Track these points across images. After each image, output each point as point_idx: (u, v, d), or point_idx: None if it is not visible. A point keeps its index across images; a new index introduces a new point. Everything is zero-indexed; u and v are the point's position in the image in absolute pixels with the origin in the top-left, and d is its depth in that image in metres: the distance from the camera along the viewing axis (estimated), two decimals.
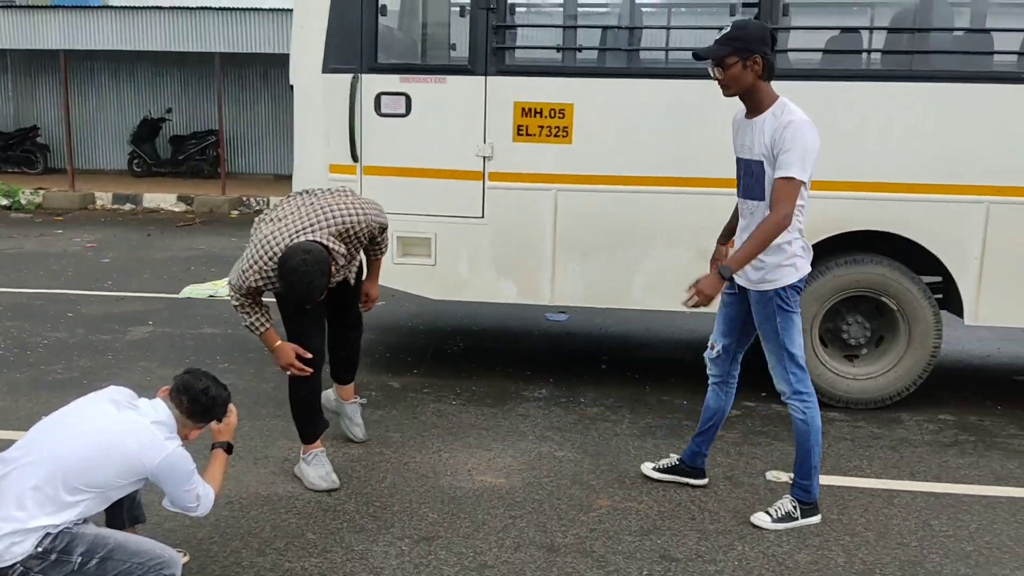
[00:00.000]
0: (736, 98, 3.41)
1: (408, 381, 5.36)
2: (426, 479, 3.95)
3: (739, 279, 3.50)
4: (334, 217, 3.65)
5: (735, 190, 3.60)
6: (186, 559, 3.18)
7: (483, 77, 4.91)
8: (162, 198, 14.43)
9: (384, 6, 5.09)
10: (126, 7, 14.42)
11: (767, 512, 3.59)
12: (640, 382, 5.43)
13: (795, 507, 3.58)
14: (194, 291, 7.87)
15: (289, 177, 5.44)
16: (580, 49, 5.23)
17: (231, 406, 3.09)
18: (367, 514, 3.60)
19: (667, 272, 4.88)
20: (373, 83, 4.99)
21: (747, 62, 3.24)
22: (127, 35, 14.27)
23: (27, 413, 4.69)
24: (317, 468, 3.85)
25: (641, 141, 4.88)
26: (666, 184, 4.85)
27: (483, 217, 5.03)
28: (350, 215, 3.69)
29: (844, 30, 5.15)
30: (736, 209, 3.67)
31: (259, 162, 17.72)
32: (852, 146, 4.72)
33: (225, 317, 6.92)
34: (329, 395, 4.36)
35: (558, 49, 5.24)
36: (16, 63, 17.77)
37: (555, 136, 4.93)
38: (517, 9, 5.12)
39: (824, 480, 3.98)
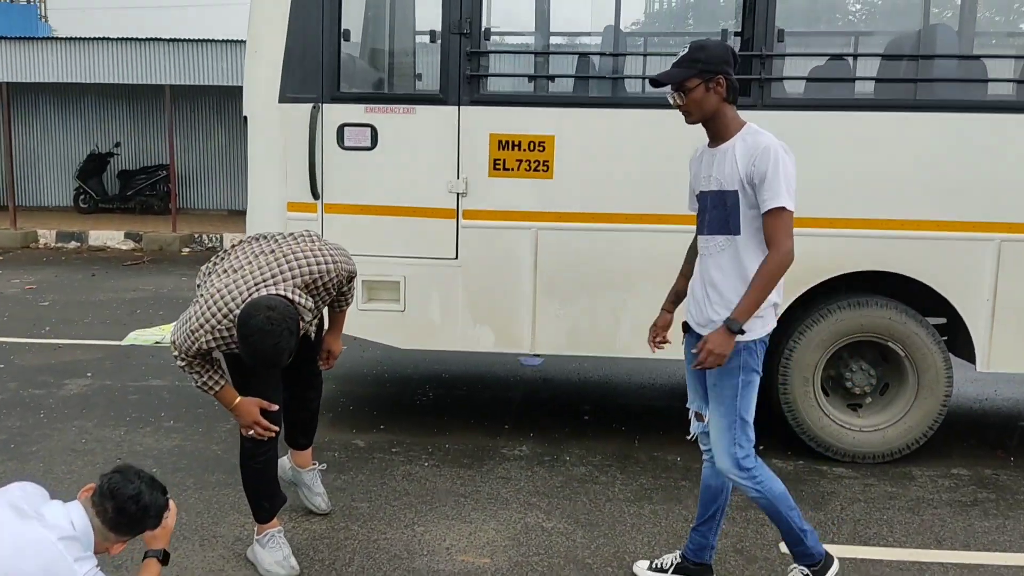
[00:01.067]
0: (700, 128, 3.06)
1: (374, 439, 4.87)
2: (399, 560, 3.46)
3: (699, 326, 3.06)
4: (299, 266, 3.18)
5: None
6: None
7: (456, 107, 4.51)
8: (109, 235, 13.79)
9: (347, 31, 4.69)
10: (73, 38, 13.85)
11: None
12: (627, 436, 5.00)
13: (808, 574, 3.17)
14: (139, 338, 7.30)
15: (244, 213, 4.96)
16: (561, 77, 4.86)
17: (171, 505, 2.60)
18: None
19: (654, 316, 4.46)
20: (335, 113, 4.56)
21: (710, 84, 2.90)
22: (74, 67, 13.70)
23: None
24: (273, 552, 3.34)
25: (628, 176, 4.51)
26: (655, 222, 4.47)
27: (457, 258, 4.60)
28: (318, 263, 3.22)
29: (842, 57, 4.85)
30: (687, 260, 3.31)
31: (212, 198, 17.14)
32: (854, 180, 4.40)
33: (172, 367, 6.34)
34: (284, 463, 3.86)
35: (537, 77, 4.87)
36: None
37: (535, 171, 4.54)
38: (492, 34, 4.73)
39: (845, 551, 3.58)
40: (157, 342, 7.17)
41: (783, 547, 3.61)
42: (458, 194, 4.55)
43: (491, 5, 4.96)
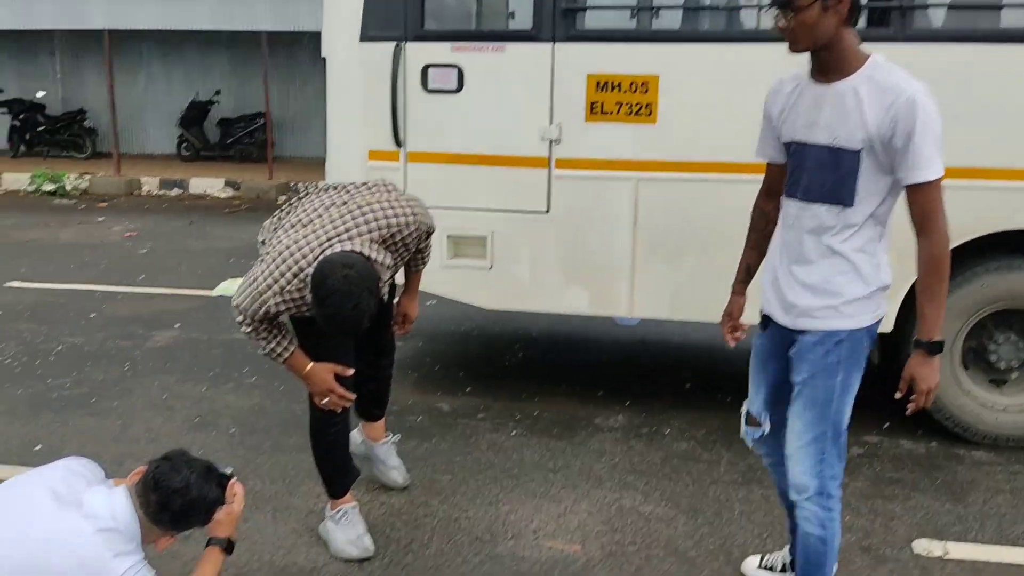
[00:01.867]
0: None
1: (460, 403, 4.59)
2: (481, 544, 3.17)
3: (779, 315, 2.49)
4: (375, 219, 2.84)
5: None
6: None
7: (550, 44, 4.08)
8: (209, 183, 13.93)
9: None
10: None
11: None
12: (734, 408, 4.51)
13: None
14: (230, 288, 7.21)
15: None
16: (668, 9, 4.37)
17: (237, 488, 2.33)
18: None
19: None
20: (419, 53, 4.19)
21: (827, 2, 2.23)
22: (173, 15, 13.75)
23: (21, 441, 4.05)
24: (346, 530, 3.10)
25: (742, 120, 3.98)
26: None
27: (548, 212, 4.22)
28: (396, 216, 2.88)
29: None
30: (755, 228, 2.71)
31: (308, 145, 17.11)
32: (1003, 124, 3.78)
33: None
34: (355, 437, 3.59)
35: (641, 10, 4.38)
36: (64, 45, 17.43)
37: (636, 115, 4.08)
38: None
39: (991, 553, 3.14)
40: None
41: (918, 546, 3.18)
42: (551, 141, 4.15)
43: None
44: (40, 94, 17.14)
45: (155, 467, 2.16)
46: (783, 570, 2.93)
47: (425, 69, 4.20)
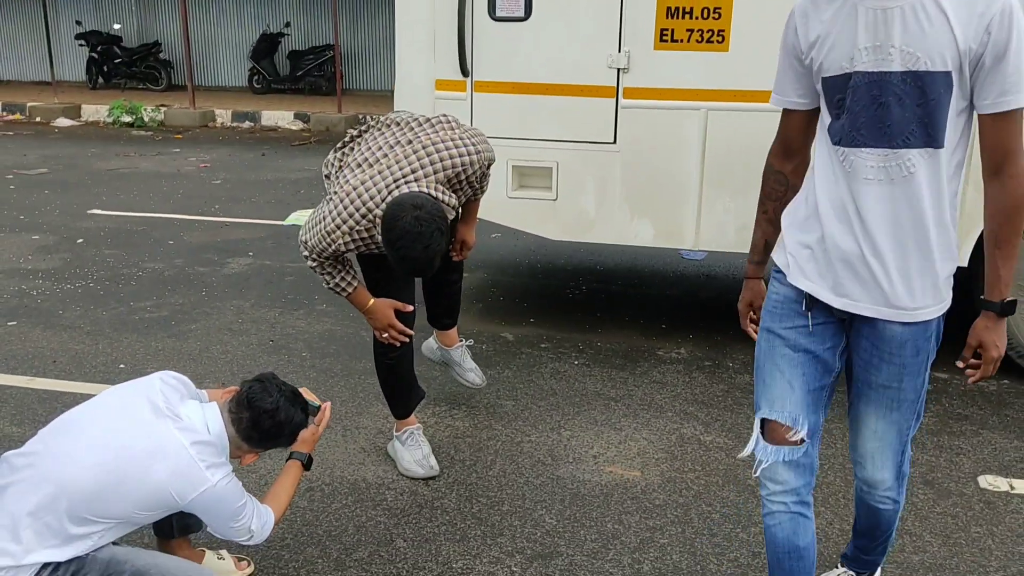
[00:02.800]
0: None
1: (523, 332, 4.66)
2: (543, 467, 3.26)
3: (861, 307, 1.96)
4: (441, 159, 2.84)
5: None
6: (250, 569, 2.62)
7: None
8: (280, 116, 14.10)
9: None
10: None
11: None
12: None
13: None
14: (300, 218, 7.36)
15: None
16: None
17: (325, 409, 2.45)
18: (470, 515, 2.94)
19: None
20: None
21: None
22: None
23: (105, 360, 4.26)
24: (412, 450, 3.21)
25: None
26: None
27: (615, 143, 4.18)
28: (460, 154, 2.88)
29: None
30: (771, 196, 2.17)
31: (376, 78, 17.16)
32: None
33: None
34: (431, 344, 3.73)
35: None
36: None
37: (708, 42, 3.99)
38: None
39: None
40: None
41: (983, 481, 3.16)
42: (619, 70, 4.09)
43: None
44: (116, 27, 17.48)
45: (248, 388, 2.26)
46: None
47: None
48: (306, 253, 2.90)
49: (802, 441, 2.02)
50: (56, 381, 3.97)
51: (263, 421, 2.23)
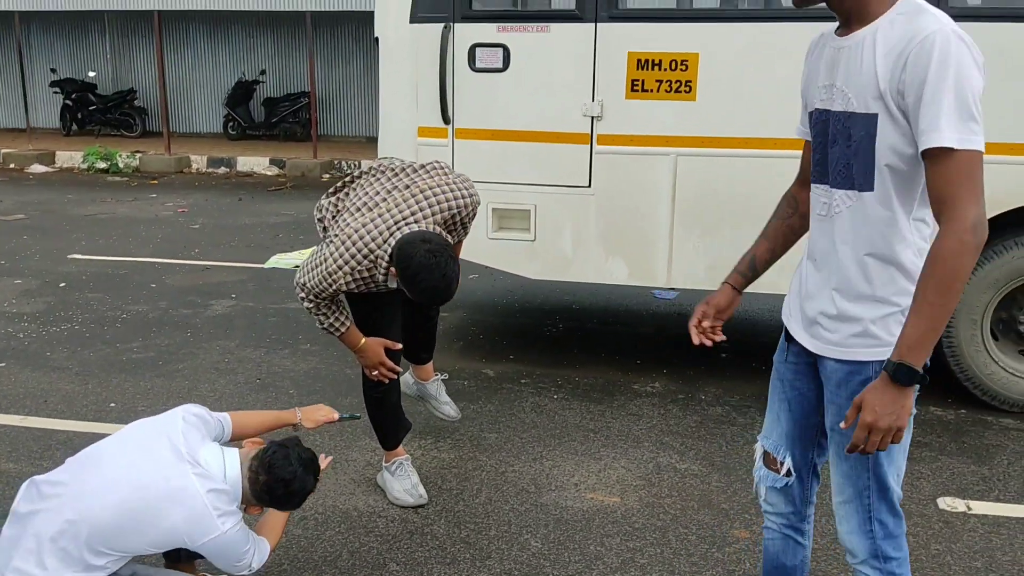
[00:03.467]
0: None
1: (504, 369, 4.82)
2: (527, 495, 3.40)
3: (803, 337, 2.01)
4: (438, 202, 3.01)
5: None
6: None
7: (593, 24, 4.24)
8: (255, 161, 14.26)
9: None
10: None
11: None
12: (768, 376, 4.73)
13: None
14: (280, 261, 7.50)
15: None
16: None
17: (327, 461, 2.61)
18: (459, 539, 3.08)
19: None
20: (467, 33, 4.38)
21: None
22: None
23: (96, 399, 4.35)
24: (402, 480, 3.34)
25: (779, 97, 4.14)
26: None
27: (590, 186, 4.40)
28: (456, 197, 3.05)
29: None
30: (777, 215, 2.22)
31: (351, 124, 17.41)
32: None
33: None
34: (407, 379, 3.86)
35: None
36: (114, 25, 17.85)
37: (676, 92, 4.24)
38: None
39: (1012, 511, 3.30)
40: (296, 266, 7.34)
41: (942, 503, 3.35)
42: (593, 118, 4.33)
43: None
44: (91, 74, 17.62)
45: (272, 453, 2.37)
46: None
47: (472, 49, 4.38)
48: (303, 295, 3.03)
49: (789, 473, 2.08)
50: (49, 420, 4.06)
51: (277, 488, 2.36)
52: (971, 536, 3.13)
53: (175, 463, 2.23)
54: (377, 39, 4.65)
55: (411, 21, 4.44)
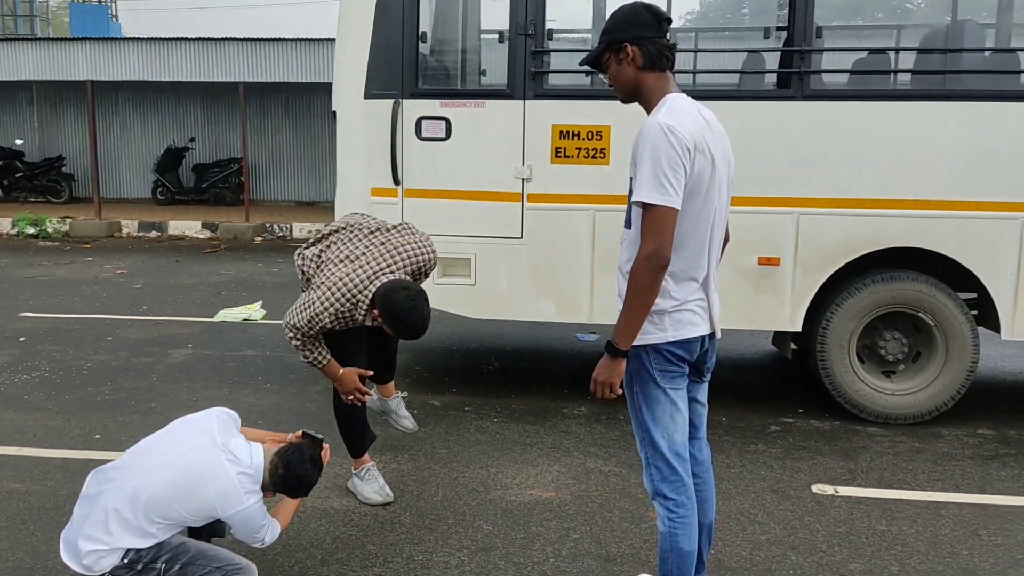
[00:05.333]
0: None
1: (448, 399, 5.44)
2: (477, 493, 4.02)
3: None
4: (409, 256, 3.66)
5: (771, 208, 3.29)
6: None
7: (522, 101, 5.03)
8: (187, 225, 14.64)
9: (424, 33, 5.24)
10: (153, 38, 14.71)
11: None
12: None
13: None
14: (228, 315, 7.98)
15: (310, 204, 5.57)
16: None
17: (326, 448, 3.14)
18: (423, 526, 3.67)
19: None
20: (414, 108, 5.11)
21: (620, 55, 2.58)
22: (153, 66, 14.54)
23: (81, 432, 4.79)
24: (370, 483, 3.92)
25: None
26: None
27: (522, 237, 5.13)
28: (422, 252, 3.72)
29: (879, 51, 5.25)
30: None
31: (281, 189, 17.96)
32: (887, 164, 4.80)
33: (262, 340, 7.02)
34: (371, 397, 4.43)
35: (594, 72, 5.36)
36: (42, 94, 18.11)
37: (593, 157, 5.03)
38: (555, 34, 5.24)
39: (870, 493, 4.05)
40: (245, 319, 7.85)
41: (815, 488, 4.10)
42: (523, 179, 5.07)
43: (553, 6, 5.45)
44: (19, 142, 17.79)
45: (292, 451, 2.93)
46: None
47: (419, 121, 5.11)
48: (291, 334, 3.61)
49: None
50: (42, 449, 4.50)
51: (291, 481, 2.93)
52: (837, 511, 3.87)
53: (213, 450, 2.81)
54: (335, 112, 5.32)
55: (365, 97, 5.16)
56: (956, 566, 3.39)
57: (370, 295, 3.50)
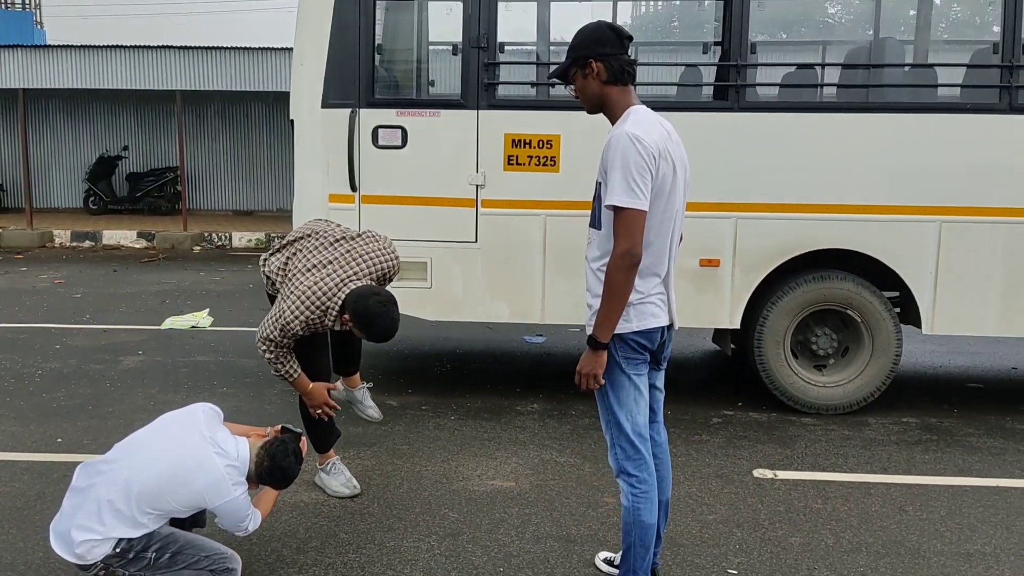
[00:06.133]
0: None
1: (406, 400, 5.61)
2: (440, 484, 4.20)
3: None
4: (375, 263, 3.82)
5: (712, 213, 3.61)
6: None
7: (475, 111, 5.25)
8: (122, 235, 14.44)
9: (380, 44, 5.42)
10: (86, 46, 14.49)
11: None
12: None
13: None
14: (176, 323, 7.98)
15: (248, 213, 5.67)
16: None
17: (304, 442, 3.29)
18: (392, 515, 3.84)
19: None
20: (371, 117, 5.29)
21: (585, 70, 2.81)
22: (87, 74, 14.33)
23: (41, 436, 4.82)
24: (337, 476, 4.07)
25: None
26: None
27: (476, 242, 5.34)
28: (387, 259, 3.88)
29: (807, 66, 5.62)
30: None
31: (218, 198, 17.81)
32: (817, 171, 5.15)
33: (213, 346, 7.07)
34: (338, 387, 4.56)
35: (543, 84, 5.61)
36: None
37: (543, 165, 5.28)
38: (506, 47, 5.47)
39: (806, 476, 4.36)
40: (193, 326, 7.86)
41: (756, 472, 4.39)
42: (477, 186, 5.28)
43: (505, 21, 5.69)
44: None
45: (277, 446, 3.08)
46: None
47: (376, 129, 5.29)
48: (263, 348, 3.72)
49: None
50: (5, 453, 4.52)
51: (275, 474, 3.09)
52: (776, 492, 4.17)
53: (202, 444, 2.95)
54: (292, 121, 5.46)
55: (323, 106, 5.31)
56: (885, 538, 3.71)
57: (339, 302, 3.64)
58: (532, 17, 5.74)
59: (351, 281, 3.71)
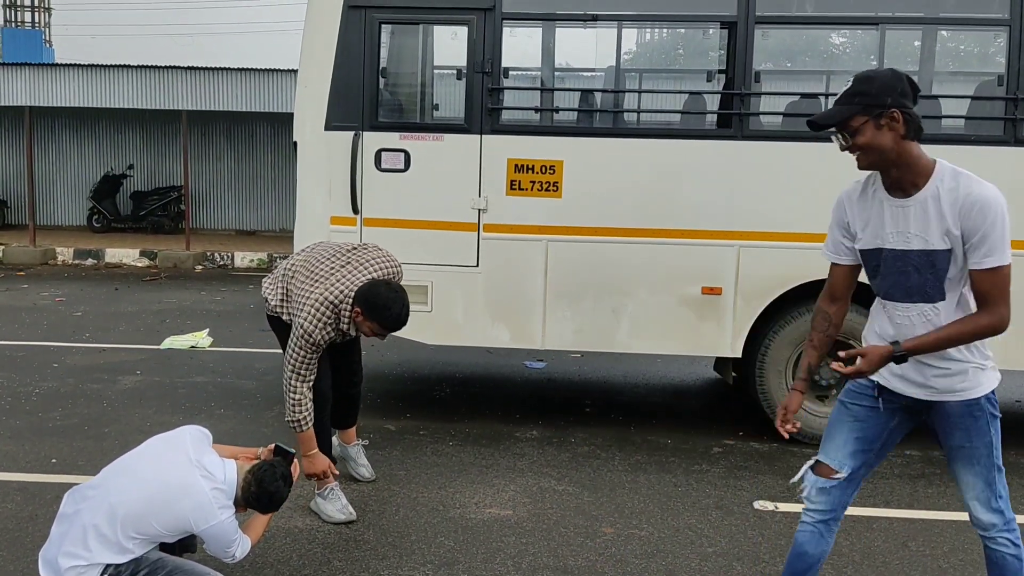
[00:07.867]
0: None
1: (403, 424, 5.56)
2: (437, 511, 4.15)
3: (911, 389, 2.70)
4: (381, 266, 3.94)
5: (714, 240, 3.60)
6: None
7: (478, 135, 5.25)
8: (124, 253, 14.44)
9: (384, 68, 5.43)
10: (93, 65, 14.56)
11: None
12: (624, 423, 5.70)
13: None
14: (175, 342, 7.95)
15: (251, 233, 5.66)
16: (568, 110, 5.60)
17: (295, 471, 3.25)
18: (387, 543, 3.79)
19: (650, 317, 5.22)
20: (374, 140, 5.29)
21: (880, 120, 2.52)
22: (94, 92, 14.39)
23: (36, 456, 4.78)
24: (334, 502, 4.02)
25: (627, 195, 5.25)
26: (650, 235, 5.20)
27: (478, 266, 5.31)
28: (392, 265, 4.00)
29: (808, 95, 5.62)
30: (819, 330, 2.85)
31: (221, 218, 17.83)
32: (821, 200, 5.09)
33: (212, 367, 7.04)
34: (332, 441, 4.54)
35: (547, 110, 5.61)
36: None
37: (546, 190, 5.26)
38: (511, 72, 5.49)
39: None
40: (193, 346, 7.83)
41: (757, 504, 4.33)
42: (479, 210, 5.27)
43: (510, 46, 5.70)
44: None
45: (264, 469, 3.05)
46: None
47: (378, 153, 5.29)
48: (294, 385, 3.80)
49: (840, 478, 2.78)
50: None
51: (263, 498, 3.06)
52: (778, 525, 4.11)
53: (187, 467, 2.91)
54: (296, 142, 5.46)
55: (326, 129, 5.31)
56: (888, 574, 3.65)
57: (349, 302, 3.75)
58: (537, 43, 5.76)
59: (358, 284, 3.81)
